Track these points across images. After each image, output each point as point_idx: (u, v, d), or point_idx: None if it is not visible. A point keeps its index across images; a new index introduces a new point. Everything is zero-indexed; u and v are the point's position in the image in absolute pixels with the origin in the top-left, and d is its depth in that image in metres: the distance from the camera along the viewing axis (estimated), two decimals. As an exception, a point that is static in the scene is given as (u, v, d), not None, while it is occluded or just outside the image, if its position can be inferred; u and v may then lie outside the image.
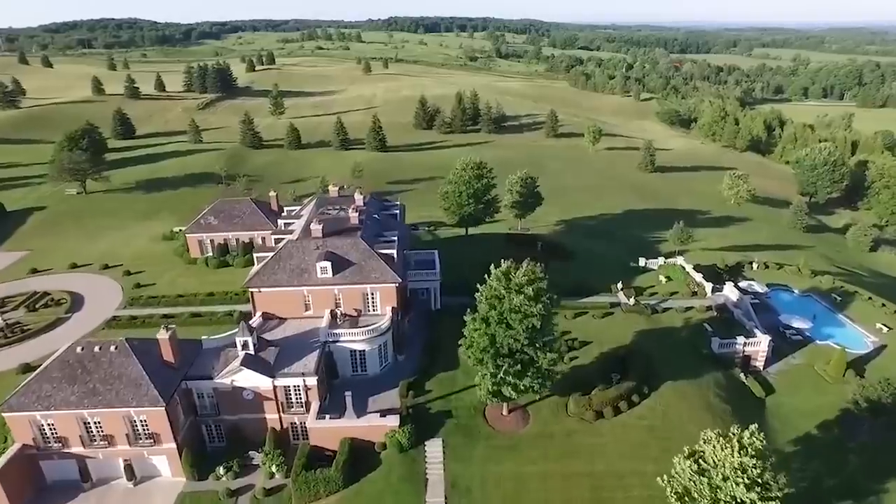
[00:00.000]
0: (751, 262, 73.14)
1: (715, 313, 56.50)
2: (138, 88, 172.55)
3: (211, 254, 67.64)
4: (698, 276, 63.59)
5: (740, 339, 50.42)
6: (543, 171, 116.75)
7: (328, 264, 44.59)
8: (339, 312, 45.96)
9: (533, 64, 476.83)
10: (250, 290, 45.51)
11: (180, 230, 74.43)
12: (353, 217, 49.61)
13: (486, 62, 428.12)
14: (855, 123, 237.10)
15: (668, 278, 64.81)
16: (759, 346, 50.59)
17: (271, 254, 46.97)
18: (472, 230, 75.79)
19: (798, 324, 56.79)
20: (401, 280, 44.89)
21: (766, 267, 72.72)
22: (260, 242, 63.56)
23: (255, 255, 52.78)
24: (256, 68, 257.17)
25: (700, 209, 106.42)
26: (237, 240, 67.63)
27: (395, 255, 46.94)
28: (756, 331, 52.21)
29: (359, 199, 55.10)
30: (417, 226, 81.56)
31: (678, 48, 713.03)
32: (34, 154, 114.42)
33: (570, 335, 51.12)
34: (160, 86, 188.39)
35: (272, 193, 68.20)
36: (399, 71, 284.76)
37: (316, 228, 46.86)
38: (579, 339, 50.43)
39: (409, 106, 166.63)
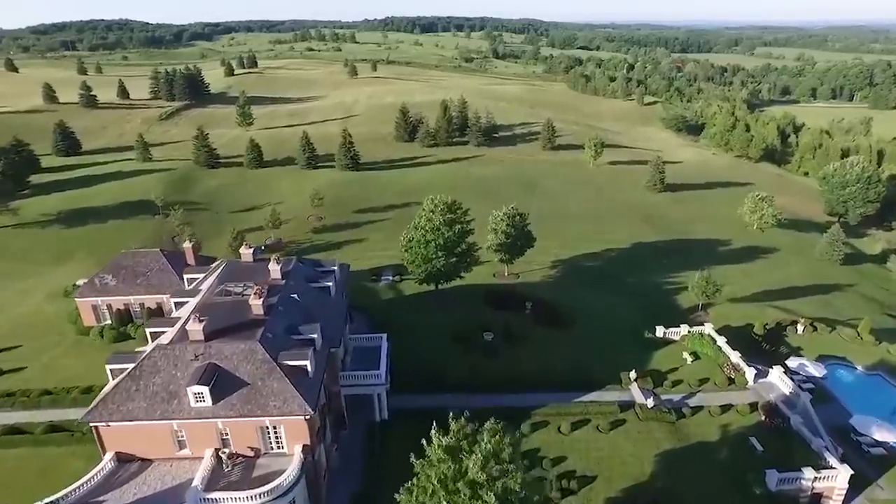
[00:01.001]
0: (794, 323, 58.34)
1: (763, 417, 41.74)
2: (95, 97, 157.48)
3: (109, 322, 52.94)
4: (734, 355, 48.79)
5: (808, 473, 35.62)
6: (538, 193, 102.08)
7: (204, 389, 29.79)
8: (225, 454, 31.28)
9: (531, 65, 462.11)
10: (92, 424, 30.78)
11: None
12: (257, 305, 34.65)
13: (482, 63, 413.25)
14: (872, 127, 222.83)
15: (695, 356, 50.04)
16: (835, 479, 35.80)
17: (128, 365, 32.08)
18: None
19: (879, 432, 41.70)
20: (312, 411, 30.05)
21: (814, 329, 57.92)
22: (171, 308, 48.89)
23: (147, 330, 37.62)
24: (236, 72, 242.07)
25: (719, 238, 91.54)
26: (141, 305, 52.86)
27: (311, 367, 32.10)
28: (828, 454, 37.40)
29: (274, 270, 40.14)
30: (381, 274, 66.74)
31: (679, 47, 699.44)
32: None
33: (565, 463, 36.39)
34: (123, 93, 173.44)
35: (187, 244, 53.27)
36: (388, 74, 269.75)
37: (195, 329, 31.95)
38: (578, 473, 35.68)
39: (392, 114, 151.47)
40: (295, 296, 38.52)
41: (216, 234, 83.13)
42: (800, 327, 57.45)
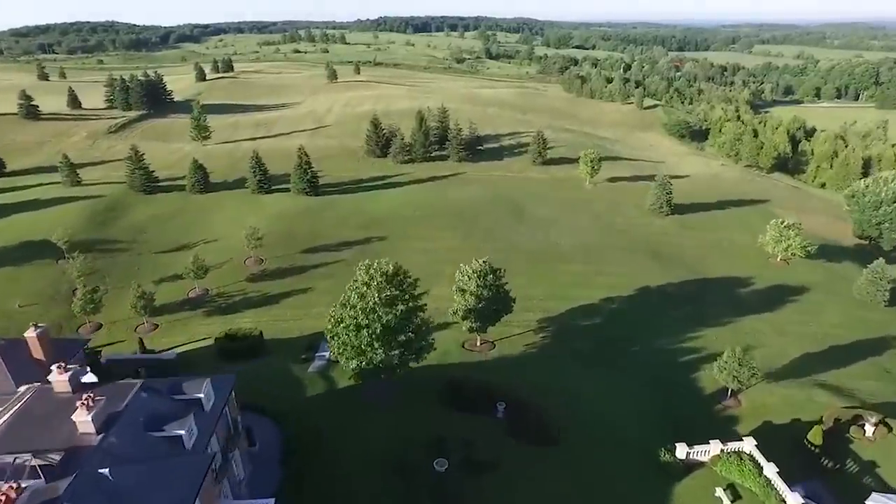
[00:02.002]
0: (859, 421, 43.75)
1: None
2: (37, 107, 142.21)
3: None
4: (789, 494, 34.14)
5: None
6: (526, 220, 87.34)
7: None
8: None
9: (525, 65, 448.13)
10: None
11: None
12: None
13: (473, 64, 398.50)
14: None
15: (733, 492, 35.40)
16: None
17: None
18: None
19: None
20: None
21: (889, 429, 43.35)
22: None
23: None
24: (209, 77, 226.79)
25: (739, 276, 76.92)
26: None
27: None
28: None
29: (84, 422, 25.03)
30: (316, 349, 51.77)
31: (676, 46, 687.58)
32: None
33: None
34: (74, 102, 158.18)
35: (30, 333, 38.22)
36: (372, 77, 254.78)
37: None
38: None
39: (367, 124, 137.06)
40: (107, 472, 23.58)
41: (137, 281, 68.33)
42: (869, 428, 42.86)
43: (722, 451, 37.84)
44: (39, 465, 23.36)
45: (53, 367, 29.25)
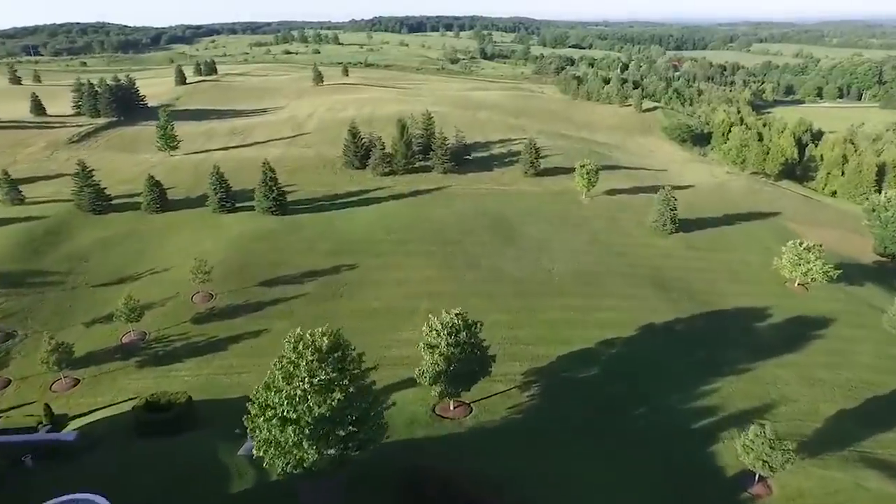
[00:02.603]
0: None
1: None
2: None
3: None
4: None
5: None
6: (515, 242, 78.51)
7: None
8: None
9: (520, 65, 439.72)
10: None
11: None
12: None
13: (467, 65, 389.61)
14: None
15: None
16: None
17: None
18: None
19: None
20: None
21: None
22: None
23: None
24: (189, 81, 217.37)
25: (755, 307, 68.27)
26: None
27: None
28: None
29: None
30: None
31: (673, 45, 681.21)
32: None
33: None
34: (38, 108, 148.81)
35: None
36: (360, 79, 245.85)
37: None
38: None
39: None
40: None
41: (65, 322, 59.42)
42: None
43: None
44: None
45: None
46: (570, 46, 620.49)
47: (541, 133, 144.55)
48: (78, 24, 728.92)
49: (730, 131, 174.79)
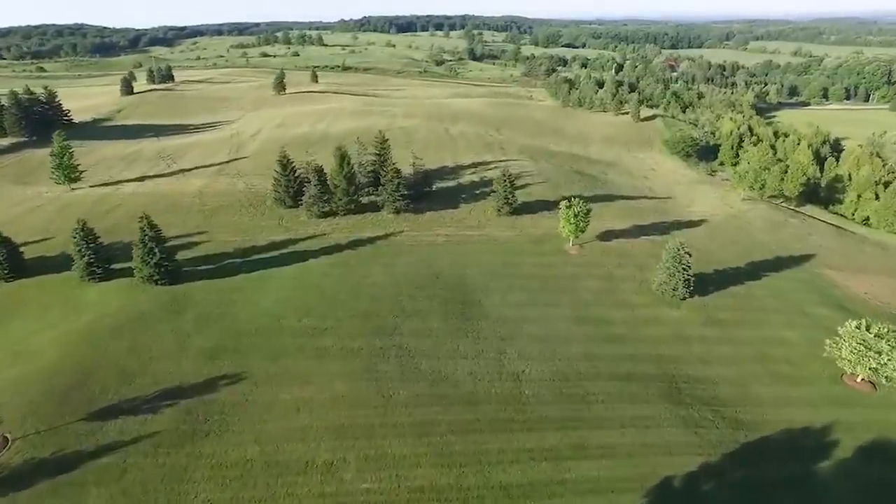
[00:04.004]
0: None
1: None
2: None
3: None
4: None
5: None
6: (472, 323, 57.53)
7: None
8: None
9: (510, 66, 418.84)
10: None
11: None
12: None
13: (452, 67, 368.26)
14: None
15: None
16: None
17: None
18: None
19: None
20: None
21: None
22: None
23: None
24: (137, 90, 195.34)
25: (808, 426, 47.75)
26: None
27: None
28: None
29: None
30: None
31: (669, 43, 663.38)
32: None
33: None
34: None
35: None
36: (330, 85, 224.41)
37: None
38: None
39: (296, 152, 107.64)
40: None
41: None
42: None
43: None
44: None
45: None
46: (563, 46, 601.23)
47: (523, 152, 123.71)
48: (54, 25, 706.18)
49: (740, 145, 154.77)
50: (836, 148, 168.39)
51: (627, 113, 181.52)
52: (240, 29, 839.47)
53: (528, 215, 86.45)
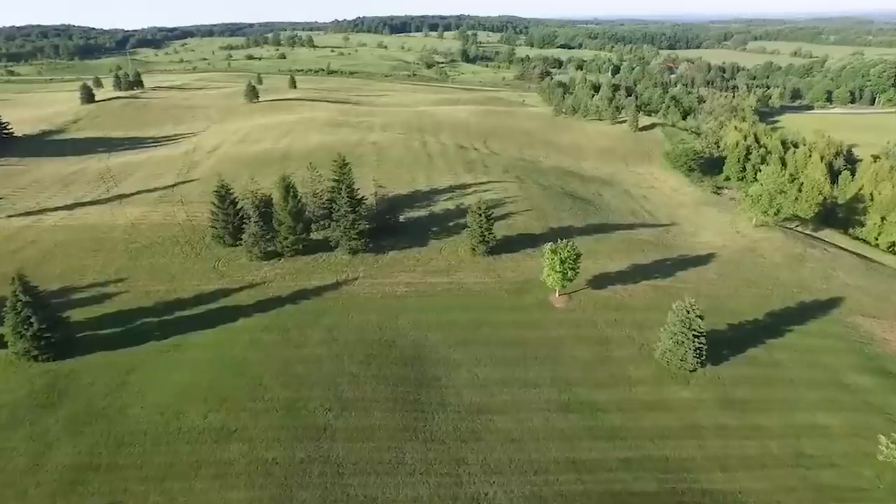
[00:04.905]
0: None
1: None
2: None
3: None
4: None
5: None
6: (426, 421, 44.78)
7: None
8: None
9: (503, 69, 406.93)
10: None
11: None
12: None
13: (443, 71, 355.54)
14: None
15: None
16: None
17: None
18: None
19: None
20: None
21: None
22: None
23: None
24: (99, 98, 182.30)
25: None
26: None
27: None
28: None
29: None
30: None
31: (666, 43, 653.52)
32: None
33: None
34: None
35: None
36: (309, 92, 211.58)
37: None
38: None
39: (259, 170, 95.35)
40: None
41: None
42: None
43: None
44: None
45: None
46: (558, 47, 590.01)
47: (509, 170, 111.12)
48: (39, 26, 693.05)
49: (747, 157, 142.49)
50: (850, 159, 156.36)
51: (625, 121, 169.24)
52: (232, 30, 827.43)
53: (508, 255, 73.83)
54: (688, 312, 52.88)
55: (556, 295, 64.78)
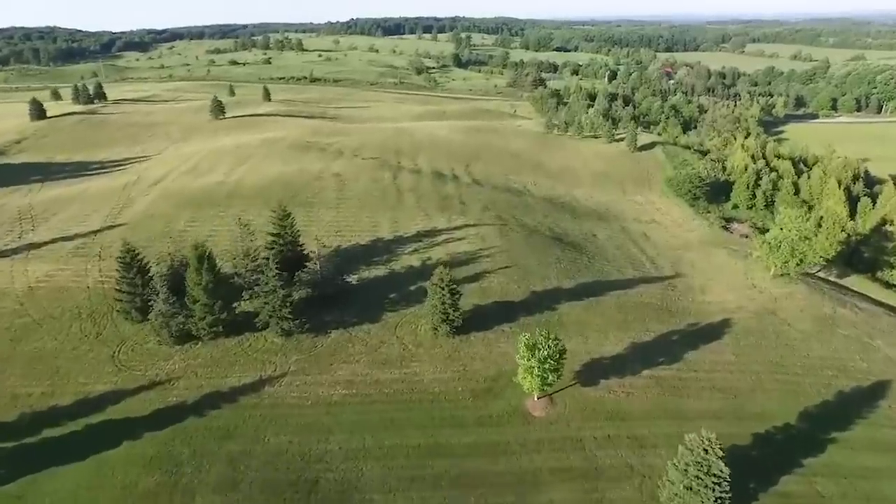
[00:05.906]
0: None
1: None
2: None
3: None
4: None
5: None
6: None
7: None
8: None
9: (496, 74, 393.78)
10: None
11: None
12: None
13: (432, 78, 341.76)
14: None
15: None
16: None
17: None
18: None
19: None
20: None
21: None
22: None
23: None
24: (52, 114, 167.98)
25: None
26: None
27: None
28: None
29: None
30: None
31: (663, 45, 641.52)
32: None
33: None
34: None
35: None
36: (282, 105, 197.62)
37: None
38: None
39: (202, 210, 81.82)
40: None
41: None
42: None
43: None
44: None
45: None
46: (554, 49, 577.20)
47: (489, 208, 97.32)
48: (23, 28, 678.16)
49: (757, 184, 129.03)
50: (868, 181, 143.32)
51: (622, 139, 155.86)
52: (224, 31, 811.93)
53: (478, 334, 60.13)
54: (706, 452, 39.36)
55: (535, 399, 51.13)
